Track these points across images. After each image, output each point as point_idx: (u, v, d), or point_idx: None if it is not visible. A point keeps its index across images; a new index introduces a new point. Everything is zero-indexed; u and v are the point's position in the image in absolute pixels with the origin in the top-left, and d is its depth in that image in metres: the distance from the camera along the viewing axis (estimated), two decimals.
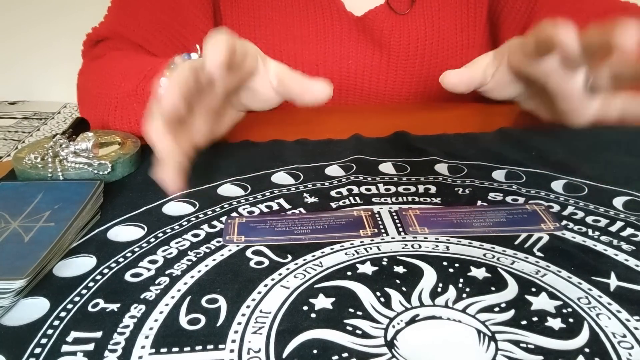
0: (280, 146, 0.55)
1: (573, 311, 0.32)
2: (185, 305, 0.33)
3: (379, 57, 0.71)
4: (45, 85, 2.74)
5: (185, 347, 0.30)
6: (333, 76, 0.71)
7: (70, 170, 0.48)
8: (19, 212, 0.41)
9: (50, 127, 2.58)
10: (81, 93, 0.69)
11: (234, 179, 0.49)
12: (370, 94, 0.73)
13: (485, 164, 0.51)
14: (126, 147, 0.51)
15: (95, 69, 0.68)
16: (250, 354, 0.30)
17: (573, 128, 0.57)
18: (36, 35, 2.65)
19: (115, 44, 0.70)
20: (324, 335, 0.31)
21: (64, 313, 0.33)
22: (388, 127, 0.58)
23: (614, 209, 0.43)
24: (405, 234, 0.40)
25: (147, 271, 0.37)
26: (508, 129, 0.58)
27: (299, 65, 0.71)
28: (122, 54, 0.68)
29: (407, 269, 0.36)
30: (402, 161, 0.52)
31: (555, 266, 0.36)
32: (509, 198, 0.45)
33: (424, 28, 0.71)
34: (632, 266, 0.36)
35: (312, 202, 0.45)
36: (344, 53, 0.71)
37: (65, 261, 0.38)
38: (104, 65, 0.67)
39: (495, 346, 0.30)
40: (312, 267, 0.37)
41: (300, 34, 0.70)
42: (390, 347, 0.30)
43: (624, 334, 0.31)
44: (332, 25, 0.70)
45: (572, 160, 0.51)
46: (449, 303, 0.33)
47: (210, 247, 0.39)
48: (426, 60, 0.72)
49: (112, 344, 0.31)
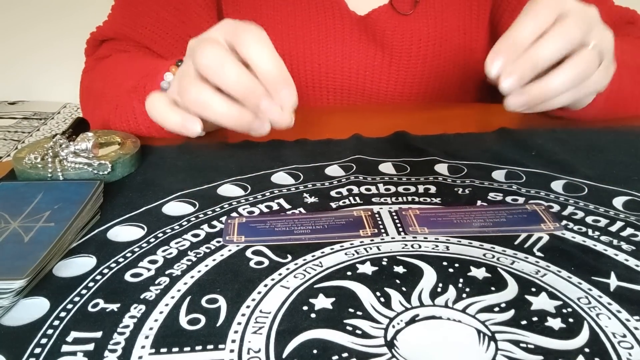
0: (280, 146, 0.55)
1: (573, 311, 0.32)
2: (185, 305, 0.33)
3: (381, 57, 0.71)
4: (46, 85, 2.74)
5: (185, 347, 0.30)
6: (335, 76, 0.71)
7: (70, 170, 0.48)
8: (19, 212, 0.41)
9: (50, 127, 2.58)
10: (85, 93, 0.69)
11: (234, 179, 0.49)
12: (372, 94, 0.73)
13: (485, 164, 0.51)
14: (126, 147, 0.51)
15: (100, 70, 0.68)
16: (250, 354, 0.30)
17: (573, 128, 0.57)
18: (36, 36, 2.65)
19: (121, 45, 0.70)
20: (324, 335, 0.31)
21: (64, 313, 0.33)
22: (388, 127, 0.58)
23: (614, 209, 0.43)
24: (405, 234, 0.40)
25: (147, 271, 0.37)
26: (508, 129, 0.58)
27: (301, 64, 0.71)
28: (128, 55, 0.67)
29: (407, 269, 0.36)
30: (402, 161, 0.52)
31: (555, 266, 0.36)
32: (509, 198, 0.45)
33: (426, 29, 0.71)
34: (632, 266, 0.36)
35: (312, 202, 0.45)
36: (346, 52, 0.71)
37: (65, 261, 0.38)
38: (109, 66, 0.67)
39: (495, 346, 0.30)
40: (312, 267, 0.37)
41: (302, 34, 0.70)
42: (390, 347, 0.30)
43: (624, 334, 0.31)
44: (335, 25, 0.70)
45: (572, 160, 0.51)
46: (448, 303, 0.33)
47: (210, 247, 0.39)
48: (428, 61, 0.71)
49: (112, 344, 0.31)
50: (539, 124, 0.60)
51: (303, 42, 0.70)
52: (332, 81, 0.72)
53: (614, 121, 0.60)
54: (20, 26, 2.66)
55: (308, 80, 0.71)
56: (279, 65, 0.46)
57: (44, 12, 2.61)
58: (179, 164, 0.52)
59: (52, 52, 2.65)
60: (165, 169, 0.51)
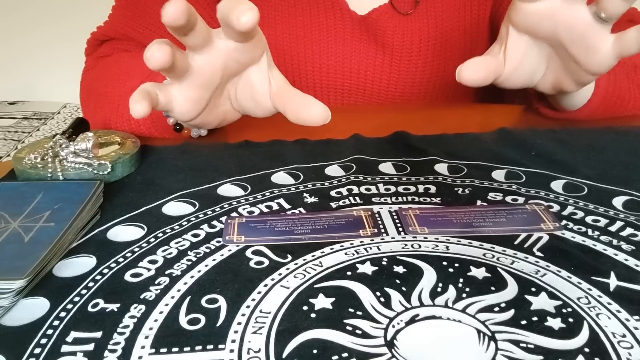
0: (280, 146, 0.55)
1: (573, 311, 0.32)
2: (185, 305, 0.34)
3: (381, 56, 0.71)
4: (47, 86, 2.75)
5: (185, 347, 0.30)
6: (336, 75, 0.71)
7: (70, 170, 0.48)
8: (19, 212, 0.41)
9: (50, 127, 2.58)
10: (85, 91, 0.69)
11: (234, 179, 0.49)
12: (373, 93, 0.73)
13: (485, 164, 0.51)
14: (126, 147, 0.51)
15: (101, 68, 0.68)
16: (250, 354, 0.30)
17: (573, 128, 0.57)
18: (39, 37, 2.66)
19: (122, 44, 0.70)
20: (324, 335, 0.31)
21: (64, 313, 0.33)
22: (388, 127, 0.58)
23: (613, 208, 0.43)
24: (405, 233, 0.40)
25: (147, 271, 0.37)
26: (508, 129, 0.58)
27: (302, 64, 0.71)
28: (130, 55, 0.67)
29: (407, 269, 0.36)
30: (402, 161, 0.52)
31: (555, 266, 0.36)
32: (508, 198, 0.45)
33: (427, 29, 0.71)
34: (631, 266, 0.36)
35: (312, 202, 0.45)
36: (347, 52, 0.71)
37: (65, 261, 0.38)
38: (111, 65, 0.67)
39: (495, 346, 0.30)
40: (312, 267, 0.37)
41: (303, 34, 0.70)
42: (390, 347, 0.30)
43: (623, 334, 0.31)
44: (336, 25, 0.70)
45: (572, 160, 0.51)
46: (448, 303, 0.33)
47: (210, 247, 0.39)
48: (429, 60, 0.72)
49: (112, 344, 0.31)
50: (539, 124, 0.60)
51: (304, 42, 0.70)
52: (332, 81, 0.72)
53: (614, 121, 0.60)
54: (23, 28, 2.66)
55: (309, 80, 0.72)
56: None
57: (47, 14, 2.62)
58: (179, 164, 0.52)
59: (54, 54, 2.66)
60: (165, 169, 0.51)
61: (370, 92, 0.73)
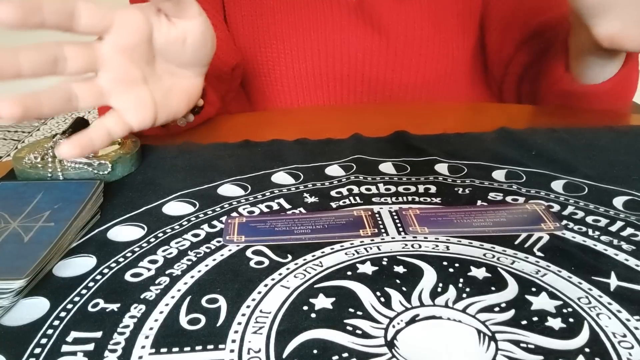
0: (280, 146, 0.55)
1: (573, 311, 0.32)
2: (185, 305, 0.33)
3: (378, 41, 0.72)
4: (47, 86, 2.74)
5: (185, 347, 0.30)
6: (335, 62, 0.72)
7: (70, 170, 0.48)
8: (18, 212, 0.41)
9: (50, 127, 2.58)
10: None
11: (234, 179, 0.49)
12: (372, 79, 0.74)
13: (485, 164, 0.51)
14: (126, 147, 0.51)
15: None
16: (250, 354, 0.30)
17: (573, 128, 0.57)
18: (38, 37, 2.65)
19: None
20: (324, 335, 0.31)
21: (64, 313, 0.33)
22: (388, 127, 0.58)
23: (614, 208, 0.43)
24: (405, 233, 0.40)
25: (147, 271, 0.37)
26: (508, 129, 0.58)
27: (301, 52, 0.72)
28: None
29: (407, 269, 0.36)
30: (402, 161, 0.52)
31: (556, 266, 0.36)
32: (509, 198, 0.45)
33: (421, 12, 0.72)
34: (632, 266, 0.36)
35: (312, 202, 0.45)
36: (344, 39, 0.72)
37: (65, 261, 0.38)
38: None
39: (495, 346, 0.30)
40: (312, 267, 0.37)
41: (301, 23, 0.72)
42: (390, 347, 0.30)
43: (624, 334, 0.31)
44: (332, 12, 0.72)
45: (572, 160, 0.51)
46: (449, 303, 0.33)
47: (210, 247, 0.39)
48: (424, 43, 0.73)
49: (112, 344, 0.31)
50: (539, 124, 0.60)
51: (302, 30, 0.71)
52: (331, 68, 0.73)
53: (614, 121, 0.60)
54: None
55: (308, 68, 0.73)
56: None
57: None
58: (179, 164, 0.52)
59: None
60: (165, 169, 0.51)
61: (369, 77, 0.74)
